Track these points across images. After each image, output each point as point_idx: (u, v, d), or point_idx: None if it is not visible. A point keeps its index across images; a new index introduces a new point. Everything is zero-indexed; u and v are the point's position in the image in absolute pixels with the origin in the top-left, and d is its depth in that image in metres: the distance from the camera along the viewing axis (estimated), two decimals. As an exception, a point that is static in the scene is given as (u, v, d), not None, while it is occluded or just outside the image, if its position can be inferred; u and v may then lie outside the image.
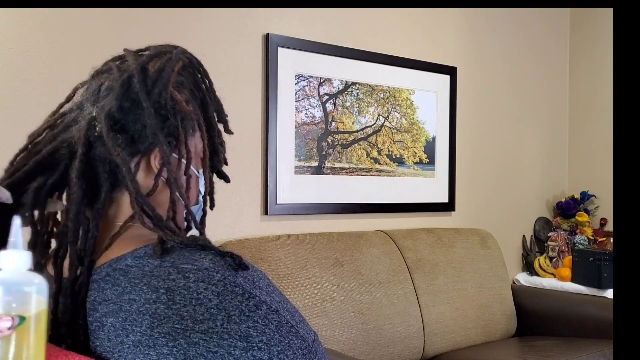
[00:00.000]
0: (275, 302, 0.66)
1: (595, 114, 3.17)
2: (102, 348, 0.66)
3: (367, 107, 2.49)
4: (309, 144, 2.33)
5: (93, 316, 0.67)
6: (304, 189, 2.31)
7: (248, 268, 0.66)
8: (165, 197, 0.74)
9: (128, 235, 0.72)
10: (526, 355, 2.17)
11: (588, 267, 2.64)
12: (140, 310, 0.63)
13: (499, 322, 2.55)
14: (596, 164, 3.16)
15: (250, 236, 2.15)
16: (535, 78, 3.15)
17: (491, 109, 2.96)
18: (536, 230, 3.11)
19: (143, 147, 0.72)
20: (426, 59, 2.69)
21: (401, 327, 2.20)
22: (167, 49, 0.77)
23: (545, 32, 3.19)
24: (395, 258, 2.31)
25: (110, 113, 0.70)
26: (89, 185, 0.71)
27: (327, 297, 2.04)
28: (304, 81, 2.31)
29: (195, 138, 0.78)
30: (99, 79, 0.76)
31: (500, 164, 2.99)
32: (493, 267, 2.63)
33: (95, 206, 0.71)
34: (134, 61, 0.73)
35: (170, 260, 0.66)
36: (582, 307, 2.52)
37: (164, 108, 0.72)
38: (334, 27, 2.40)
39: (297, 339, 0.65)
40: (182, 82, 0.76)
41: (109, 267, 0.68)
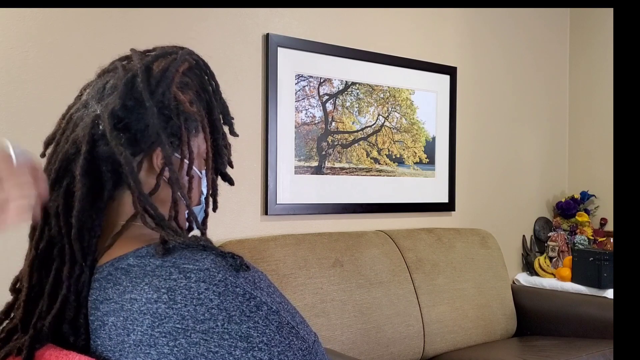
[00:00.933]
0: (275, 303, 0.66)
1: (595, 114, 3.17)
2: (103, 347, 0.66)
3: (367, 107, 2.49)
4: (309, 144, 2.33)
5: (94, 315, 0.67)
6: (304, 189, 2.31)
7: (249, 269, 0.67)
8: (167, 197, 0.74)
9: (130, 235, 0.72)
10: (526, 355, 2.17)
11: (588, 267, 2.64)
12: (142, 310, 0.64)
13: (499, 322, 2.55)
14: (596, 164, 3.16)
15: (250, 236, 2.15)
16: (535, 78, 3.15)
17: (491, 109, 2.96)
18: (536, 230, 3.11)
19: (145, 146, 0.72)
20: (426, 59, 2.69)
21: (401, 327, 2.20)
22: (173, 50, 0.77)
23: (545, 32, 3.19)
24: (395, 258, 2.31)
25: (113, 112, 0.71)
26: (93, 183, 0.71)
27: (327, 297, 2.04)
28: (304, 81, 2.31)
29: (199, 139, 0.78)
30: (105, 77, 0.76)
31: (500, 164, 2.99)
32: (493, 267, 2.63)
33: (98, 204, 0.71)
34: (139, 61, 0.74)
35: (172, 260, 0.66)
36: (582, 307, 2.51)
37: (167, 108, 0.72)
38: (334, 27, 2.40)
39: (298, 339, 0.65)
40: (187, 83, 0.77)
41: (111, 266, 0.68)
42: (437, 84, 2.72)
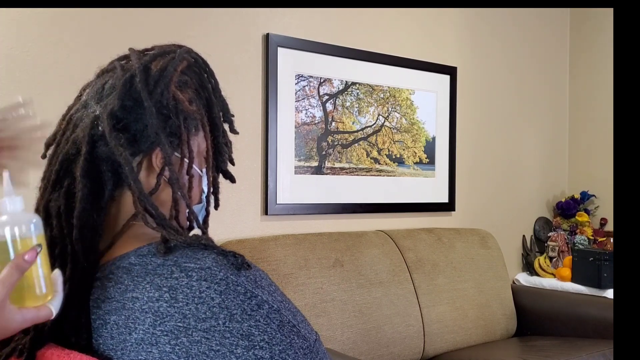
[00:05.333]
0: (277, 301, 0.66)
1: (595, 114, 3.17)
2: (105, 346, 0.66)
3: (367, 107, 2.49)
4: (309, 144, 2.33)
5: (96, 314, 0.67)
6: (304, 189, 2.31)
7: (250, 267, 0.67)
8: (168, 196, 0.74)
9: (131, 234, 0.72)
10: (526, 355, 2.17)
11: (588, 267, 2.64)
12: (143, 308, 0.64)
13: (499, 322, 2.55)
14: (596, 164, 3.16)
15: (250, 236, 2.15)
16: (535, 78, 3.15)
17: (491, 109, 2.96)
18: (536, 230, 3.11)
19: (145, 146, 0.72)
20: (426, 59, 2.69)
21: (401, 327, 2.20)
22: (172, 49, 0.77)
23: (545, 32, 3.20)
24: (395, 258, 2.31)
25: (112, 112, 0.71)
26: (93, 183, 0.71)
27: (327, 297, 2.04)
28: (304, 81, 2.31)
29: (199, 137, 0.78)
30: (104, 77, 0.76)
31: (500, 163, 3.00)
32: (493, 267, 2.63)
33: (98, 204, 0.72)
34: (137, 60, 0.74)
35: (173, 259, 0.66)
36: (582, 307, 2.52)
37: (166, 107, 0.72)
38: (334, 27, 2.40)
39: (299, 338, 0.65)
40: (186, 82, 0.76)
41: (113, 265, 0.68)
42: (437, 84, 2.72)
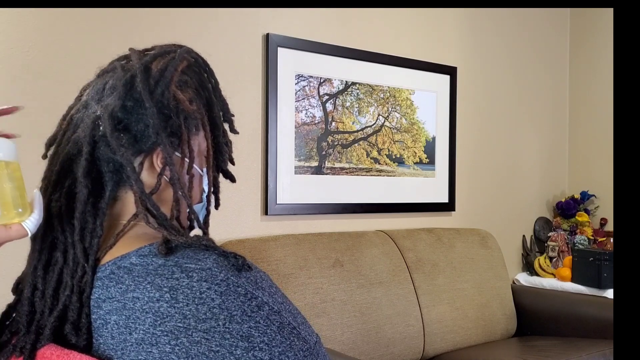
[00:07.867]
0: (277, 303, 0.66)
1: (595, 114, 3.18)
2: (105, 346, 0.66)
3: (367, 107, 2.49)
4: (309, 144, 2.33)
5: (97, 314, 0.67)
6: (304, 189, 2.31)
7: (251, 269, 0.67)
8: (169, 196, 0.75)
9: (132, 234, 0.72)
10: (526, 355, 2.17)
11: (588, 267, 2.64)
12: (144, 309, 0.64)
13: (499, 322, 2.55)
14: (596, 164, 3.16)
15: (250, 236, 2.15)
16: (536, 78, 3.15)
17: (491, 109, 2.96)
18: (536, 230, 3.11)
19: (146, 146, 0.72)
20: (426, 59, 2.69)
21: (401, 327, 2.20)
22: (172, 49, 0.77)
23: (545, 32, 3.20)
24: (395, 258, 2.31)
25: (113, 112, 0.71)
26: (94, 183, 0.72)
27: (327, 297, 2.04)
28: (304, 81, 2.31)
29: (199, 137, 0.78)
30: (104, 78, 0.76)
31: (500, 163, 3.00)
32: (493, 267, 2.63)
33: (100, 205, 0.72)
34: (137, 61, 0.74)
35: (174, 260, 0.66)
36: (582, 307, 2.52)
37: (166, 107, 0.72)
38: (334, 27, 2.40)
39: (299, 340, 0.65)
40: (187, 82, 0.77)
41: (114, 265, 0.68)
42: (437, 84, 2.72)
